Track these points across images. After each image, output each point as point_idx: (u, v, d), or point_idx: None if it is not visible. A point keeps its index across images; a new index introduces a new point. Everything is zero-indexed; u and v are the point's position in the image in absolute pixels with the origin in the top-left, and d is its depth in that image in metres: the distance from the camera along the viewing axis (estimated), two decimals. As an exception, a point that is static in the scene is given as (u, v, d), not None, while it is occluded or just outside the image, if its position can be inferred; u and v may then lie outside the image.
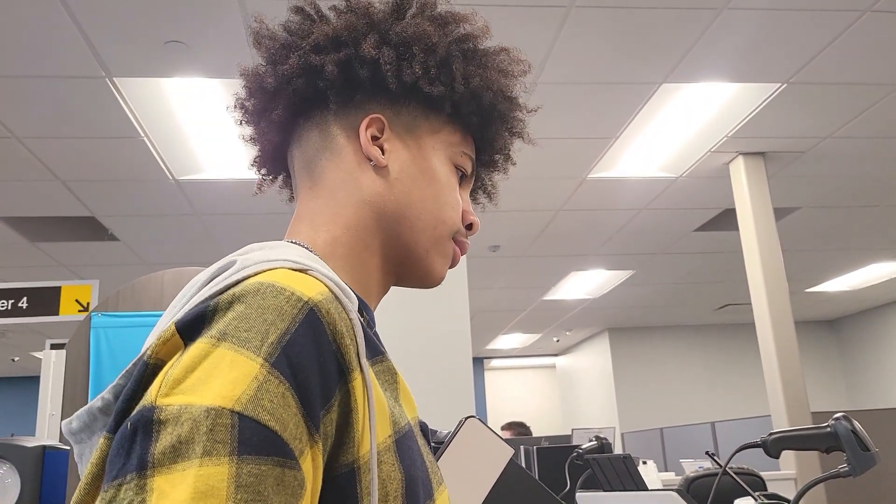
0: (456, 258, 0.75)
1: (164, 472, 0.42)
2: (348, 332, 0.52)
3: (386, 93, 0.71)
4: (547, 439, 4.61)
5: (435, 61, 0.71)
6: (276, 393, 0.46)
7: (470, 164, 0.76)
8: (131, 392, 0.49)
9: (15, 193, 4.91)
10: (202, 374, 0.46)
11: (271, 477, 0.43)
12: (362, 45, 0.69)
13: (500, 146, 0.79)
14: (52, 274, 6.63)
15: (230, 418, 0.44)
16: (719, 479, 1.55)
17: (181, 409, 0.44)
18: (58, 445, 1.58)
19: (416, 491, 0.55)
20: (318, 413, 0.48)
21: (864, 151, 4.90)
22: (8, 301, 5.06)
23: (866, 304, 10.28)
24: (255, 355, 0.47)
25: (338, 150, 0.71)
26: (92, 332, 3.01)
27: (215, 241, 6.10)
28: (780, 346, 4.59)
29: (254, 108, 0.75)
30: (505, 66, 0.76)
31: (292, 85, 0.71)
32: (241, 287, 0.52)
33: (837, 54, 3.74)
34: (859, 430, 1.31)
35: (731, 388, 10.60)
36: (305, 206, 0.72)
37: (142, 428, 0.45)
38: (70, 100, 3.82)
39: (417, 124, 0.72)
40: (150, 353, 0.49)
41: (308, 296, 0.51)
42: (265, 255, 0.58)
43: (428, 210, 0.71)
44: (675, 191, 5.47)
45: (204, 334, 0.49)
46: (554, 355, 13.05)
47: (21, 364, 10.71)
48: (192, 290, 0.58)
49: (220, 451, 0.43)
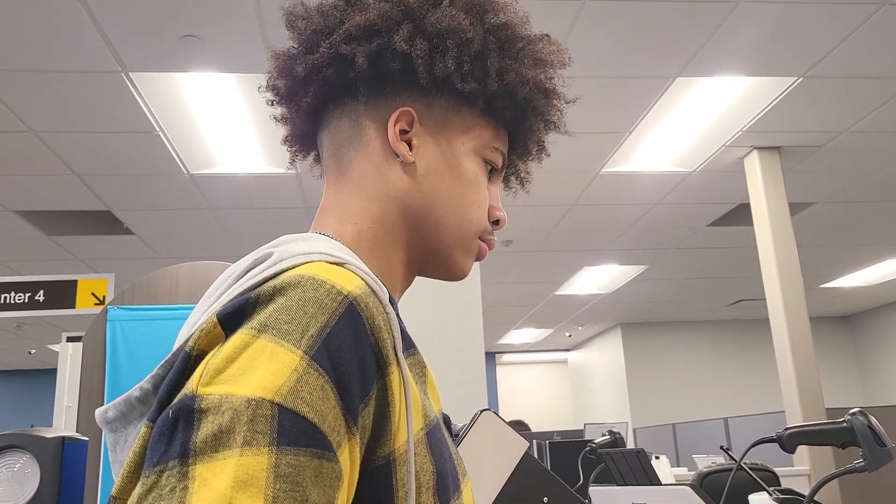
0: (481, 255, 0.74)
1: (206, 460, 0.43)
2: (385, 326, 0.53)
3: (417, 85, 0.70)
4: (559, 434, 4.62)
5: (469, 56, 0.69)
6: (316, 385, 0.47)
7: (500, 158, 0.74)
8: (173, 381, 0.49)
9: (31, 187, 4.95)
10: (242, 365, 0.47)
11: (309, 468, 0.44)
12: (395, 37, 0.68)
13: (535, 138, 0.77)
14: (68, 267, 6.69)
15: (270, 409, 0.45)
16: (734, 475, 1.55)
17: (222, 398, 0.45)
18: (76, 436, 1.60)
19: (447, 483, 0.56)
20: (357, 406, 0.49)
21: (880, 146, 4.86)
22: (25, 294, 5.11)
23: (882, 300, 10.20)
24: (296, 347, 0.47)
25: (366, 142, 0.70)
26: (108, 325, 3.03)
27: (229, 235, 6.13)
28: (795, 341, 4.57)
29: (285, 91, 0.74)
30: (544, 56, 0.74)
31: (322, 74, 0.70)
32: (281, 279, 0.52)
33: (854, 48, 3.70)
34: (875, 426, 1.31)
35: (744, 384, 10.56)
36: (332, 197, 0.72)
37: (183, 416, 0.45)
38: (86, 94, 3.84)
39: (448, 118, 0.71)
40: (193, 343, 0.50)
41: (347, 289, 0.52)
42: (301, 248, 0.58)
43: (454, 209, 0.70)
44: (689, 185, 5.44)
45: (245, 325, 0.50)
46: (566, 350, 13.03)
47: (38, 357, 10.81)
48: (227, 282, 0.58)
49: (259, 442, 0.43)
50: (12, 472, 1.51)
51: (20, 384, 11.84)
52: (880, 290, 9.39)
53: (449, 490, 0.56)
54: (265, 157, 4.71)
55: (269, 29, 3.36)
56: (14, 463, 1.52)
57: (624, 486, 1.96)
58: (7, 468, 1.51)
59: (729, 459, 1.85)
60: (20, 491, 1.51)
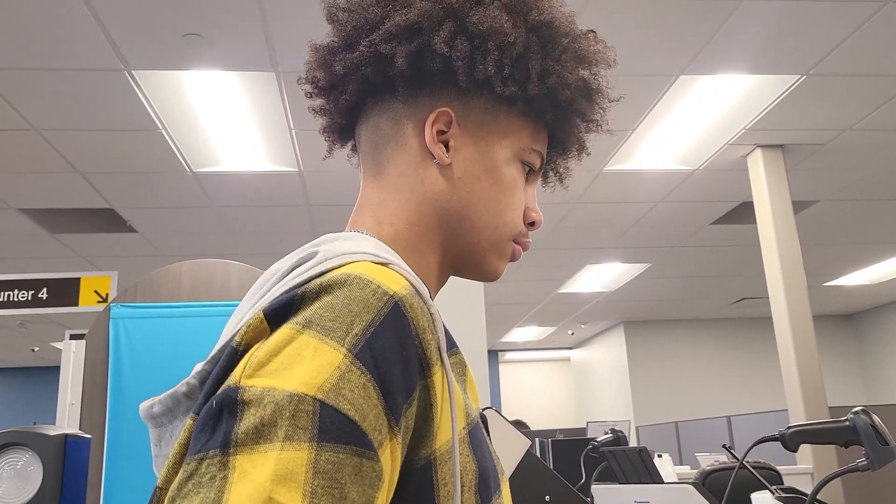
0: (515, 257, 0.74)
1: (247, 451, 0.44)
2: (429, 327, 0.53)
3: (457, 85, 0.69)
4: (562, 432, 4.62)
5: (510, 58, 0.68)
6: (358, 384, 0.47)
7: (539, 159, 0.74)
8: (218, 376, 0.50)
9: (34, 185, 4.96)
10: (285, 359, 0.47)
11: (349, 465, 0.44)
12: (435, 37, 0.67)
13: (576, 138, 0.76)
14: (72, 265, 6.70)
15: (312, 405, 0.45)
16: (736, 473, 1.55)
17: (264, 391, 0.46)
18: (79, 434, 1.60)
19: (488, 481, 0.57)
20: (400, 406, 0.49)
21: (884, 144, 4.85)
22: (28, 292, 5.12)
23: (885, 299, 10.18)
24: (339, 345, 0.48)
25: (403, 142, 0.70)
26: (111, 322, 3.04)
27: (232, 233, 6.13)
28: (798, 340, 4.56)
29: (323, 84, 0.74)
30: (588, 55, 0.73)
31: (361, 72, 0.70)
32: (327, 278, 0.52)
33: (858, 46, 3.69)
34: (878, 424, 1.30)
35: (746, 383, 10.55)
36: (369, 196, 0.72)
37: (226, 407, 0.46)
38: (89, 92, 3.85)
39: (487, 119, 0.70)
40: (239, 339, 0.51)
41: (393, 289, 0.52)
42: (346, 247, 0.58)
43: (489, 212, 0.70)
44: (692, 183, 5.44)
45: (290, 321, 0.50)
46: (569, 348, 13.03)
47: (41, 354, 10.84)
48: (272, 280, 0.59)
49: (300, 437, 0.44)
50: (15, 470, 1.51)
51: (24, 382, 11.86)
52: (883, 288, 9.38)
53: (490, 489, 0.57)
54: (268, 155, 4.71)
55: (272, 27, 3.36)
56: (17, 461, 1.53)
57: (626, 485, 1.96)
58: (9, 466, 1.51)
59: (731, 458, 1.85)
60: (23, 489, 1.51)
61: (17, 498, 1.50)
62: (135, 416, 2.91)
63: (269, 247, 6.51)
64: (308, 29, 3.39)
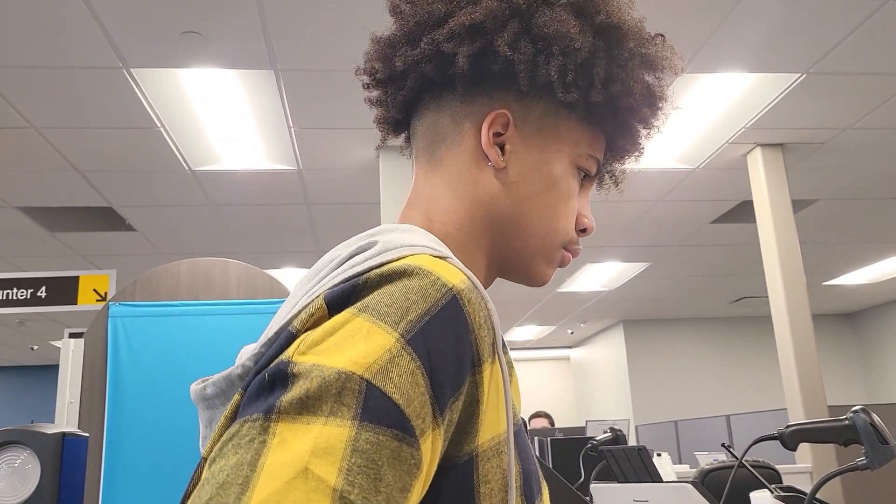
0: (564, 263, 0.73)
1: (289, 420, 0.44)
2: (486, 323, 0.53)
3: (517, 87, 0.68)
4: (561, 431, 4.62)
5: (574, 64, 0.67)
6: (407, 369, 0.47)
7: (595, 165, 0.72)
8: (273, 356, 0.50)
9: (33, 184, 4.96)
10: (339, 340, 0.48)
11: (388, 448, 0.44)
12: (499, 38, 0.66)
13: (635, 143, 0.75)
14: (70, 264, 6.70)
15: (358, 384, 0.45)
16: (735, 472, 1.54)
17: (313, 366, 0.46)
18: (77, 432, 1.60)
19: (532, 484, 0.56)
20: (447, 398, 0.49)
21: (884, 143, 4.85)
22: (27, 290, 5.11)
23: (884, 298, 10.19)
24: (392, 329, 0.48)
25: (459, 141, 0.69)
26: (110, 321, 3.03)
27: (231, 232, 6.13)
28: (797, 339, 4.56)
29: (382, 76, 0.73)
30: (656, 61, 0.71)
31: (421, 69, 0.69)
32: (388, 268, 0.53)
33: (858, 44, 3.69)
34: (878, 423, 1.30)
35: (746, 382, 10.55)
36: (421, 193, 0.71)
37: (277, 379, 0.47)
38: (87, 90, 3.84)
39: (546, 123, 0.69)
40: (299, 325, 0.51)
41: (452, 283, 0.52)
42: (405, 239, 0.58)
43: (542, 218, 0.69)
44: (691, 182, 5.43)
45: (349, 306, 0.51)
46: (568, 347, 13.03)
47: (40, 353, 10.83)
48: (329, 266, 0.59)
49: (344, 414, 0.44)
50: (13, 468, 1.51)
51: (23, 380, 11.86)
52: (883, 287, 9.38)
53: (534, 490, 0.57)
54: (267, 153, 4.71)
55: (270, 25, 3.36)
56: (14, 459, 1.52)
57: (625, 484, 1.96)
58: (7, 464, 1.51)
59: (730, 457, 1.85)
60: (20, 487, 1.51)
61: (15, 496, 1.50)
62: (134, 414, 2.90)
63: (269, 245, 6.50)
64: (307, 26, 3.38)
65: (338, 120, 4.26)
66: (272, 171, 4.96)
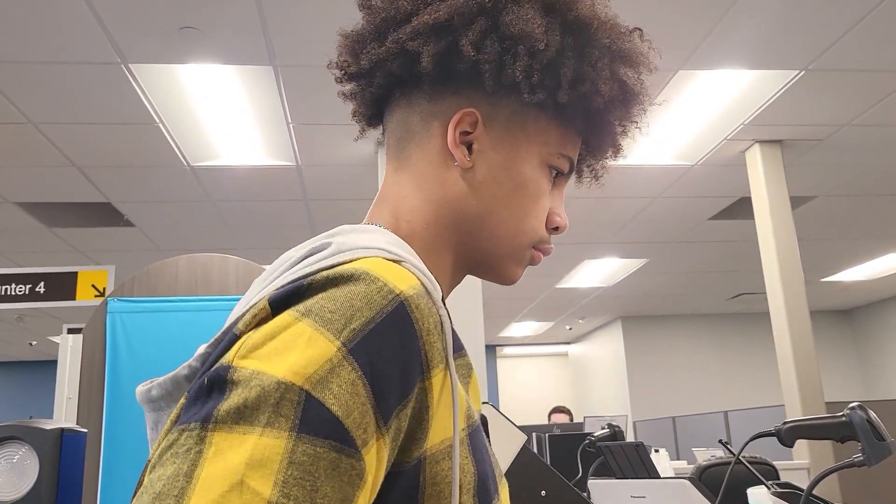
0: (534, 262, 0.72)
1: (226, 430, 0.44)
2: (436, 329, 0.52)
3: (485, 85, 0.67)
4: (559, 427, 4.62)
5: (540, 64, 0.65)
6: (347, 380, 0.46)
7: (567, 164, 0.71)
8: (217, 358, 0.50)
9: (31, 179, 4.95)
10: (279, 345, 0.47)
11: (325, 460, 0.44)
12: (464, 38, 0.65)
13: (611, 142, 0.73)
14: (69, 259, 6.69)
15: (297, 395, 0.45)
16: (732, 468, 1.55)
17: (253, 374, 0.46)
18: (76, 428, 1.60)
19: (488, 485, 0.56)
20: (392, 407, 0.48)
21: (882, 140, 4.85)
22: (25, 286, 5.11)
23: (882, 294, 10.20)
24: (335, 338, 0.47)
25: (427, 139, 0.68)
26: (108, 316, 3.03)
27: (229, 228, 6.13)
28: (795, 335, 4.57)
29: (351, 71, 0.72)
30: (630, 57, 0.70)
31: (387, 67, 0.68)
32: (336, 270, 0.52)
33: (857, 41, 3.69)
34: (874, 420, 1.30)
35: (744, 378, 10.57)
36: (389, 190, 0.70)
37: (216, 385, 0.46)
38: (86, 86, 3.83)
39: (515, 123, 0.68)
40: (243, 326, 0.50)
41: (400, 289, 0.51)
42: (360, 240, 0.57)
43: (510, 219, 0.68)
44: (690, 179, 5.43)
45: (291, 308, 0.50)
46: (567, 343, 13.04)
47: (38, 348, 10.83)
48: (281, 268, 0.58)
49: (281, 425, 0.44)
50: (11, 464, 1.51)
51: (22, 376, 11.86)
52: (881, 284, 9.39)
53: (490, 492, 0.56)
54: (265, 149, 4.70)
55: (269, 20, 3.35)
56: (13, 454, 1.53)
57: (623, 480, 1.96)
58: (6, 460, 1.51)
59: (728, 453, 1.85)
60: (19, 482, 1.51)
61: (14, 492, 1.50)
62: (132, 409, 2.91)
63: (267, 241, 6.50)
64: (306, 22, 3.38)
65: (337, 116, 4.26)
66: (271, 167, 4.95)
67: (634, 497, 1.83)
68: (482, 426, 0.64)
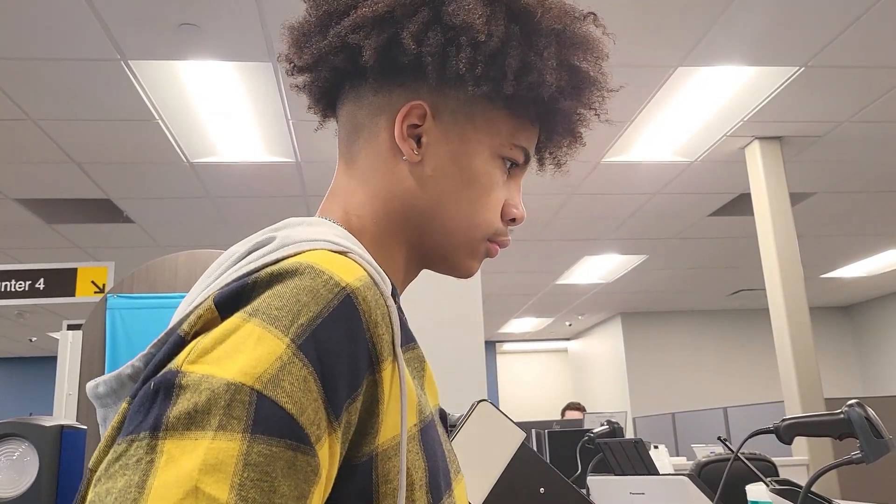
0: (490, 255, 0.71)
1: (177, 437, 0.43)
2: (384, 321, 0.51)
3: (429, 78, 0.65)
4: (559, 423, 4.63)
5: (483, 56, 0.63)
6: (298, 376, 0.46)
7: (521, 154, 0.69)
8: (161, 360, 0.49)
9: (31, 175, 4.95)
10: (229, 348, 0.46)
11: (282, 459, 0.43)
12: (405, 30, 0.63)
13: (568, 130, 0.71)
14: (68, 255, 6.69)
15: (249, 395, 0.44)
16: (731, 465, 1.55)
17: (202, 378, 0.45)
18: (75, 425, 1.60)
19: (439, 481, 0.55)
20: (342, 401, 0.47)
21: (881, 136, 4.85)
22: (25, 282, 5.11)
23: (881, 291, 10.21)
24: (283, 335, 0.47)
25: (375, 133, 0.67)
26: (108, 313, 3.03)
27: (229, 224, 6.12)
28: (794, 331, 4.57)
29: (299, 65, 0.70)
30: (581, 44, 0.68)
31: (331, 62, 0.67)
32: (280, 266, 0.51)
33: (856, 37, 3.69)
34: (873, 417, 1.31)
35: (743, 374, 10.58)
36: (341, 183, 0.69)
37: (163, 390, 0.45)
38: (85, 82, 3.83)
39: (462, 113, 0.66)
40: (188, 328, 0.49)
41: (346, 281, 0.50)
42: (305, 233, 0.56)
43: (461, 212, 0.66)
44: (689, 175, 5.43)
45: (240, 310, 0.49)
46: (566, 339, 13.05)
47: (38, 344, 10.84)
48: (226, 264, 0.57)
49: (234, 427, 0.43)
50: (11, 461, 1.52)
51: (21, 372, 11.87)
52: (880, 280, 9.40)
53: (441, 487, 0.55)
54: (264, 145, 4.70)
55: (268, 17, 3.35)
56: (13, 451, 1.53)
57: (622, 476, 1.96)
58: (5, 457, 1.51)
59: (727, 450, 1.86)
60: (19, 479, 1.51)
61: (14, 489, 1.50)
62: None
63: (267, 237, 6.50)
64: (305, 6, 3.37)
65: (336, 112, 4.25)
66: (270, 163, 4.95)
67: (633, 494, 1.83)
68: (441, 419, 0.63)
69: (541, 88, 0.65)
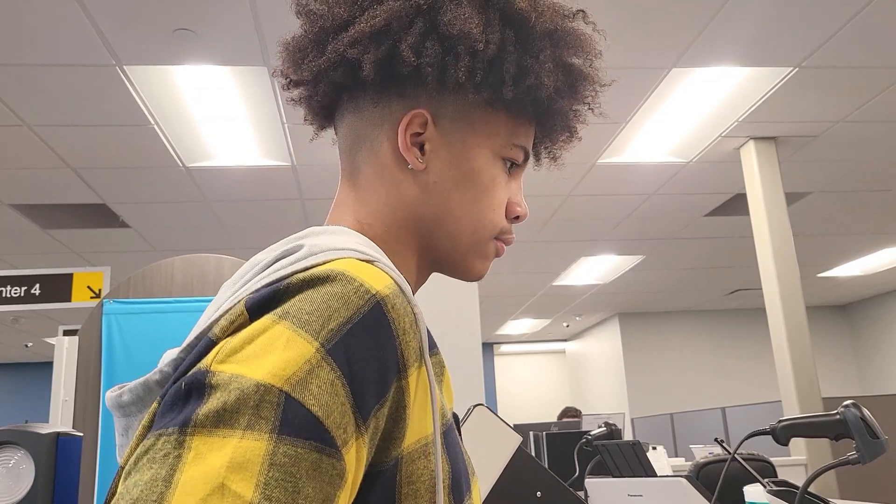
0: (498, 254, 0.72)
1: (205, 434, 0.43)
2: (412, 328, 0.52)
3: (429, 87, 0.66)
4: (556, 425, 4.63)
5: (482, 63, 0.65)
6: (326, 380, 0.46)
7: (521, 153, 0.71)
8: (192, 363, 0.49)
9: (27, 181, 4.94)
10: (258, 348, 0.47)
11: (307, 461, 0.44)
12: (403, 42, 0.64)
13: (564, 127, 0.73)
14: (64, 261, 6.68)
15: (277, 396, 0.45)
16: (728, 466, 1.55)
17: (232, 377, 0.45)
18: (71, 432, 1.60)
19: (461, 482, 0.56)
20: (370, 406, 0.48)
21: (876, 136, 4.86)
22: (21, 288, 5.10)
23: (878, 290, 10.22)
24: (313, 339, 0.47)
25: (378, 144, 0.68)
26: (104, 318, 3.03)
27: (225, 228, 6.12)
28: (791, 331, 4.57)
29: (296, 80, 0.72)
30: (575, 43, 0.69)
31: (329, 77, 0.68)
32: (311, 273, 0.52)
33: (850, 37, 3.69)
34: (868, 418, 1.31)
35: (741, 374, 10.59)
36: (346, 194, 0.70)
37: (194, 389, 0.46)
38: (80, 88, 3.83)
39: (462, 118, 0.67)
40: (218, 331, 0.50)
41: (376, 288, 0.51)
42: (332, 242, 0.57)
43: (468, 215, 0.68)
44: (685, 176, 5.44)
45: (269, 312, 0.50)
46: (564, 340, 13.05)
47: (34, 350, 10.81)
48: (254, 270, 0.57)
49: (261, 427, 0.44)
50: (6, 469, 1.51)
51: (17, 378, 11.84)
52: (877, 279, 9.41)
53: (462, 489, 0.56)
54: (261, 149, 4.70)
55: (264, 22, 3.35)
56: (8, 459, 1.52)
57: (620, 478, 1.96)
58: (1, 465, 1.51)
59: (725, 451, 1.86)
60: (14, 487, 1.50)
61: (9, 497, 1.49)
62: (128, 412, 2.90)
63: (263, 241, 6.49)
64: (300, 23, 3.37)
65: (331, 115, 4.25)
66: (266, 167, 4.95)
67: (632, 496, 1.83)
68: (454, 424, 0.64)
69: (538, 90, 0.67)
